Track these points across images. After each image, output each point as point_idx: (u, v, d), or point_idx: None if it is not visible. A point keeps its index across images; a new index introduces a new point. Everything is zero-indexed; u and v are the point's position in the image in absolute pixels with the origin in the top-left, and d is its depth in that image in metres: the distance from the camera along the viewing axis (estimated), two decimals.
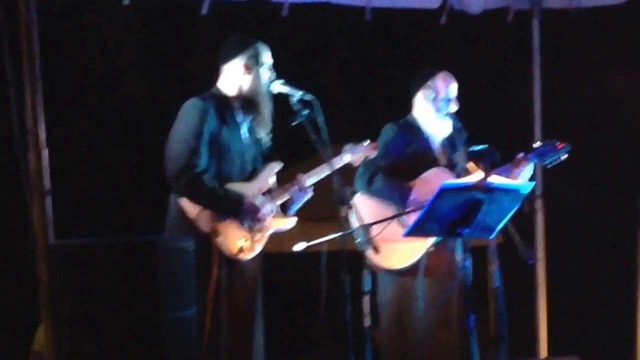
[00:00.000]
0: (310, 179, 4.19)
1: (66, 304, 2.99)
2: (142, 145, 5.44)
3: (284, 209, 4.22)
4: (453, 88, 4.62)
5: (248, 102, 4.11)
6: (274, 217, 4.13)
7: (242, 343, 4.02)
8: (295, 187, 4.17)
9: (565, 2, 6.19)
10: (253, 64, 4.08)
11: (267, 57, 4.13)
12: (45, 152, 3.05)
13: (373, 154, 4.45)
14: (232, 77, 4.12)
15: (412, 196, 4.47)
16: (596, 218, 6.41)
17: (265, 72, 4.11)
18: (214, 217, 3.95)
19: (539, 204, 6.15)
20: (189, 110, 4.02)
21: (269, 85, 4.10)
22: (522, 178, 4.52)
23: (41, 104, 2.92)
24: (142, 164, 5.34)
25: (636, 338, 5.78)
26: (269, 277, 4.25)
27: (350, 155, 4.36)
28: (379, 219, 4.37)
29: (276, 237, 4.18)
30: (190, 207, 3.97)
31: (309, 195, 4.21)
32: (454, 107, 4.60)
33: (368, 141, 4.46)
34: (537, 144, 4.67)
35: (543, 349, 6.14)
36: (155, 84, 5.76)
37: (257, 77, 4.08)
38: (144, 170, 5.07)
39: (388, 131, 4.62)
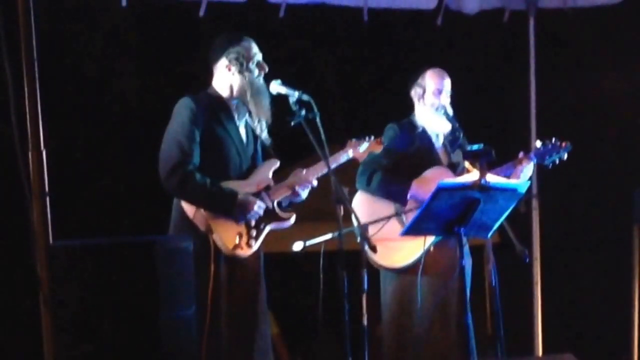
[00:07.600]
0: (313, 174, 4.18)
1: (66, 304, 3.00)
2: (140, 146, 5.44)
3: (283, 206, 4.21)
4: (440, 82, 4.65)
5: (240, 100, 4.11)
6: (272, 214, 4.12)
7: (242, 341, 4.02)
8: (296, 181, 4.16)
9: (561, 2, 6.21)
10: (236, 63, 4.07)
11: (251, 52, 4.10)
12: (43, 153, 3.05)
13: (378, 149, 4.48)
14: (222, 77, 4.13)
15: (411, 192, 4.50)
16: (592, 216, 6.42)
17: (254, 68, 4.09)
18: (208, 215, 3.95)
19: (535, 203, 6.18)
20: (179, 109, 4.03)
21: (262, 81, 4.09)
22: (523, 177, 4.54)
23: (39, 105, 2.94)
24: (141, 164, 5.35)
25: (632, 335, 5.80)
26: (267, 276, 4.26)
27: (355, 150, 4.38)
28: (378, 218, 4.40)
29: (274, 236, 4.18)
30: (188, 207, 3.98)
31: (308, 188, 4.19)
32: (445, 99, 4.63)
33: (372, 137, 4.48)
34: (538, 144, 4.69)
35: (539, 347, 6.16)
36: (153, 85, 5.76)
37: (243, 75, 4.07)
38: (142, 171, 5.07)
39: (389, 131, 4.66)
